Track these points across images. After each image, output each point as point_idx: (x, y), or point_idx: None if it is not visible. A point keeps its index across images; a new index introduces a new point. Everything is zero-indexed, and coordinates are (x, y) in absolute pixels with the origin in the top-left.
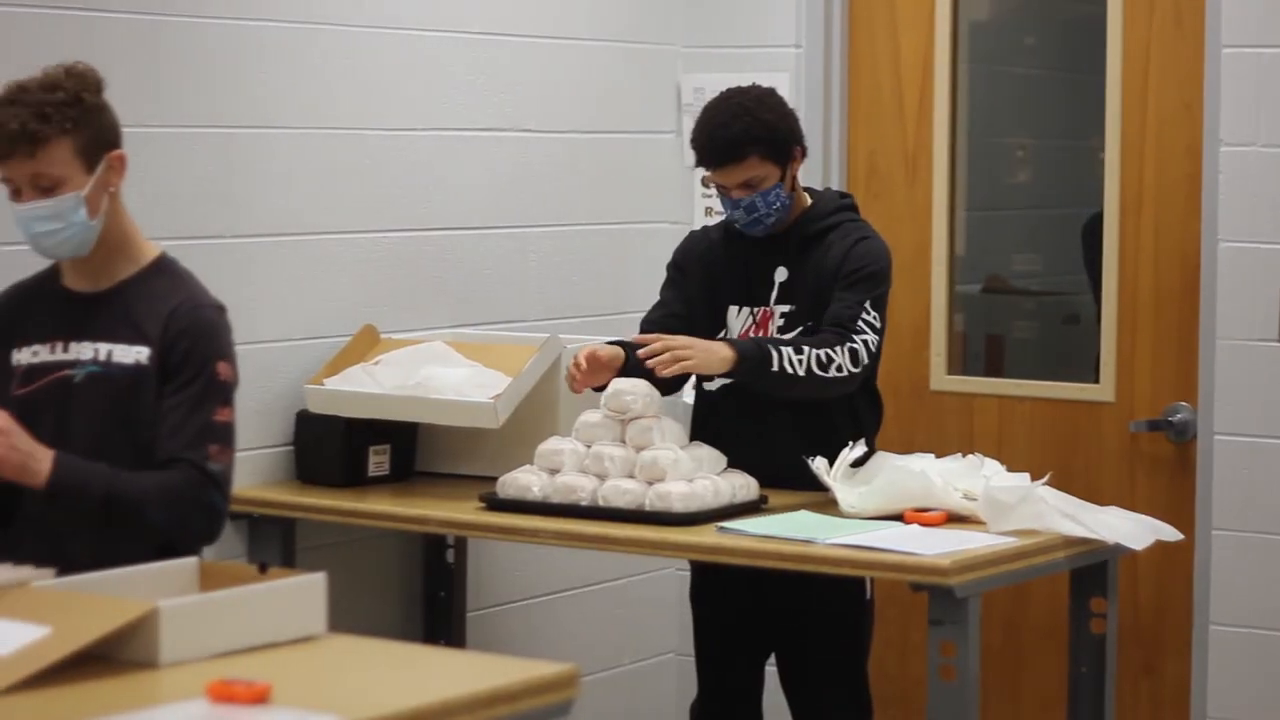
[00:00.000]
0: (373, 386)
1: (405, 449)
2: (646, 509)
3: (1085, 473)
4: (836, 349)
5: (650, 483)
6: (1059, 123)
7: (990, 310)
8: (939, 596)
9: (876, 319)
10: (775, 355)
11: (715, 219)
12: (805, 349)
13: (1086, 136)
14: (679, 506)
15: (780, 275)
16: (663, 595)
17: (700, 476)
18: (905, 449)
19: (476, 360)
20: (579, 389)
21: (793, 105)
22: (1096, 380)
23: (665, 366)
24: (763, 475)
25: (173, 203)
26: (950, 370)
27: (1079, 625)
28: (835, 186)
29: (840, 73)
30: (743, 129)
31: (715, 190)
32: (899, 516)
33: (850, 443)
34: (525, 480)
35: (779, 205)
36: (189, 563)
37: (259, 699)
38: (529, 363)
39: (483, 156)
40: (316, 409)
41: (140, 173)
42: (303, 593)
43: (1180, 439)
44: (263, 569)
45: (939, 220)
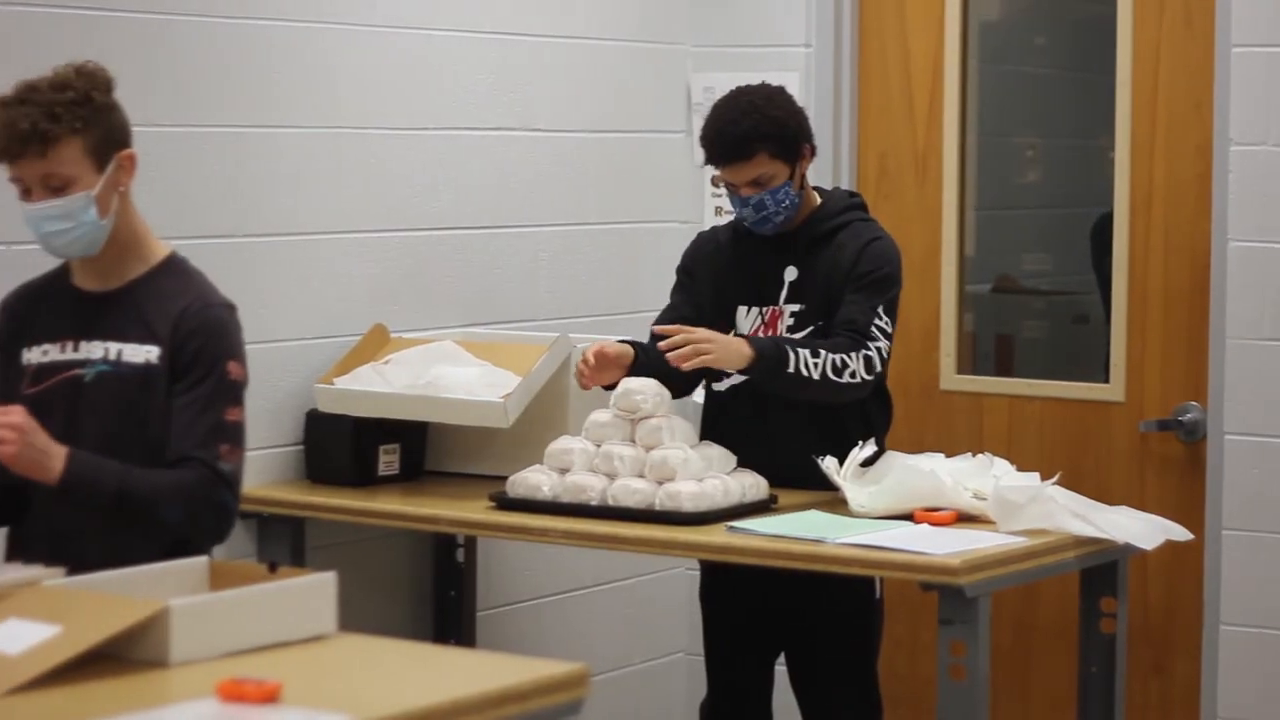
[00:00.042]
0: (383, 386)
1: (415, 448)
2: (656, 508)
3: (1095, 472)
4: (851, 355)
5: (660, 482)
6: (1069, 122)
7: (1000, 310)
8: (949, 596)
9: (888, 324)
10: (792, 356)
11: (725, 218)
12: (822, 353)
13: (1096, 136)
14: (689, 506)
15: (790, 274)
16: (672, 595)
17: (710, 476)
18: (915, 448)
19: (486, 360)
20: (588, 386)
21: (802, 105)
22: (1106, 380)
23: (685, 360)
24: (772, 475)
25: (183, 202)
26: (960, 370)
27: (1089, 625)
28: (845, 186)
29: (850, 73)
30: (752, 126)
31: (725, 189)
32: (909, 516)
33: (860, 442)
34: (535, 480)
35: (788, 203)
36: (199, 562)
37: (269, 698)
38: (539, 362)
39: (493, 156)
40: (326, 408)
41: (151, 172)
42: (313, 592)
43: (1190, 439)
44: (273, 568)
45: (949, 220)
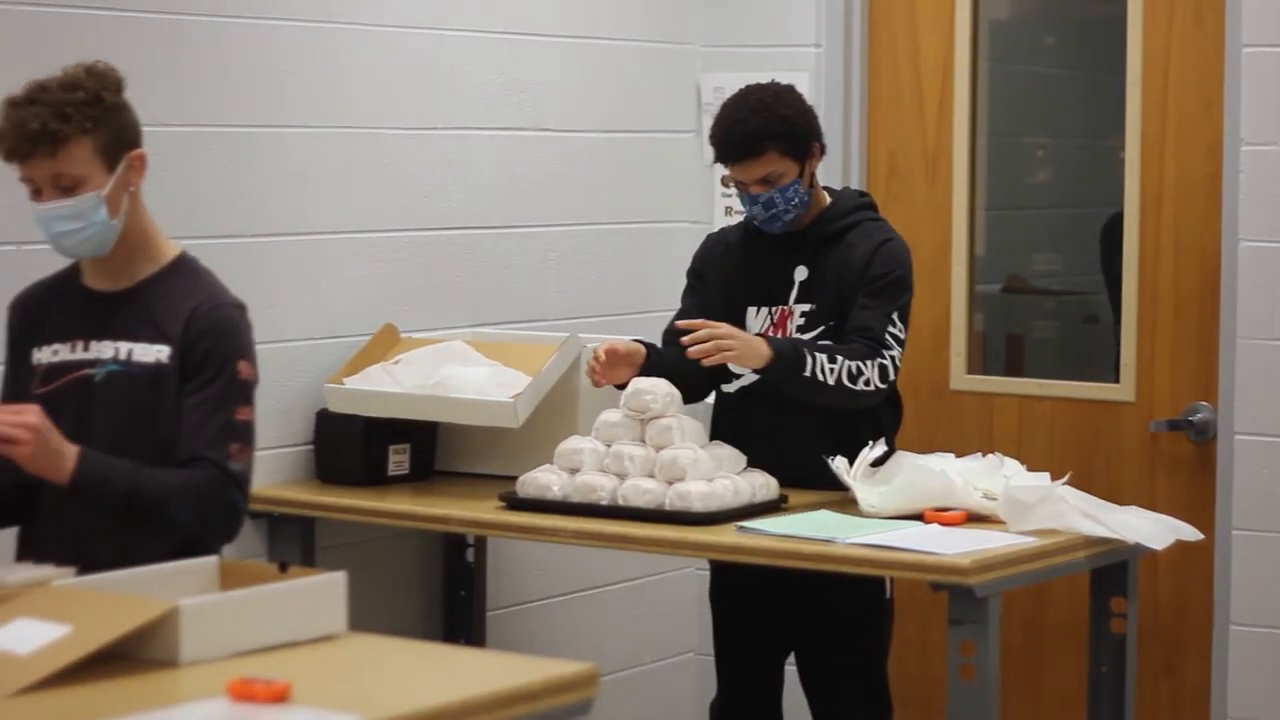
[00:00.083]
0: (393, 386)
1: (425, 448)
2: (666, 508)
3: (1105, 472)
4: (867, 362)
5: (670, 482)
6: (1079, 122)
7: (1010, 310)
8: (959, 596)
9: (902, 330)
10: (809, 360)
11: (735, 218)
12: (839, 359)
13: (1106, 136)
14: (699, 506)
15: (800, 274)
16: (682, 595)
17: (720, 476)
18: (925, 448)
19: (496, 359)
20: (600, 383)
21: (812, 105)
22: (1117, 380)
23: (706, 355)
24: (782, 475)
25: (193, 202)
26: (970, 370)
27: (1099, 625)
28: (855, 186)
29: (860, 72)
30: (761, 124)
31: (734, 188)
32: (919, 516)
33: (870, 442)
34: (545, 479)
35: (797, 201)
36: (209, 562)
37: (279, 698)
38: (549, 362)
39: (502, 156)
40: (336, 408)
41: (161, 172)
42: (323, 592)
43: (1200, 439)
44: (283, 568)
45: (959, 220)
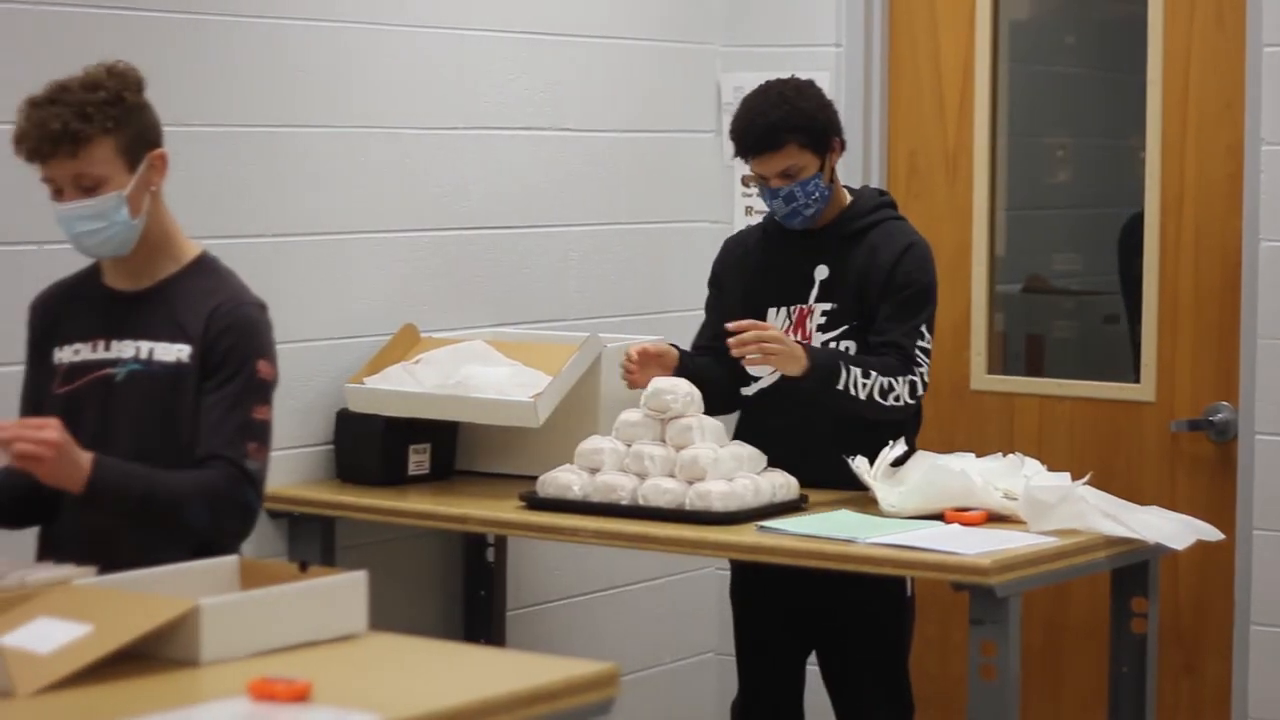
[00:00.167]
0: (413, 385)
1: (445, 448)
2: (686, 508)
3: (1126, 472)
4: (899, 379)
5: (690, 482)
6: (1099, 122)
7: (1030, 310)
8: (980, 596)
9: (930, 342)
10: (844, 374)
11: (755, 218)
12: (873, 374)
13: (1127, 136)
14: (719, 505)
15: (821, 273)
16: (703, 594)
17: (740, 475)
18: (945, 448)
19: (517, 359)
20: (636, 384)
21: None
22: (1137, 380)
23: (750, 359)
24: (802, 474)
25: (214, 202)
26: (990, 370)
27: (1120, 625)
28: (875, 185)
29: (880, 72)
30: (781, 117)
31: (755, 184)
32: (939, 516)
33: (890, 442)
34: (565, 479)
35: (818, 196)
36: (230, 561)
37: (299, 697)
38: (569, 362)
39: (523, 156)
40: (357, 408)
41: (181, 172)
42: (343, 591)
43: (1221, 439)
44: (303, 567)
45: (979, 220)
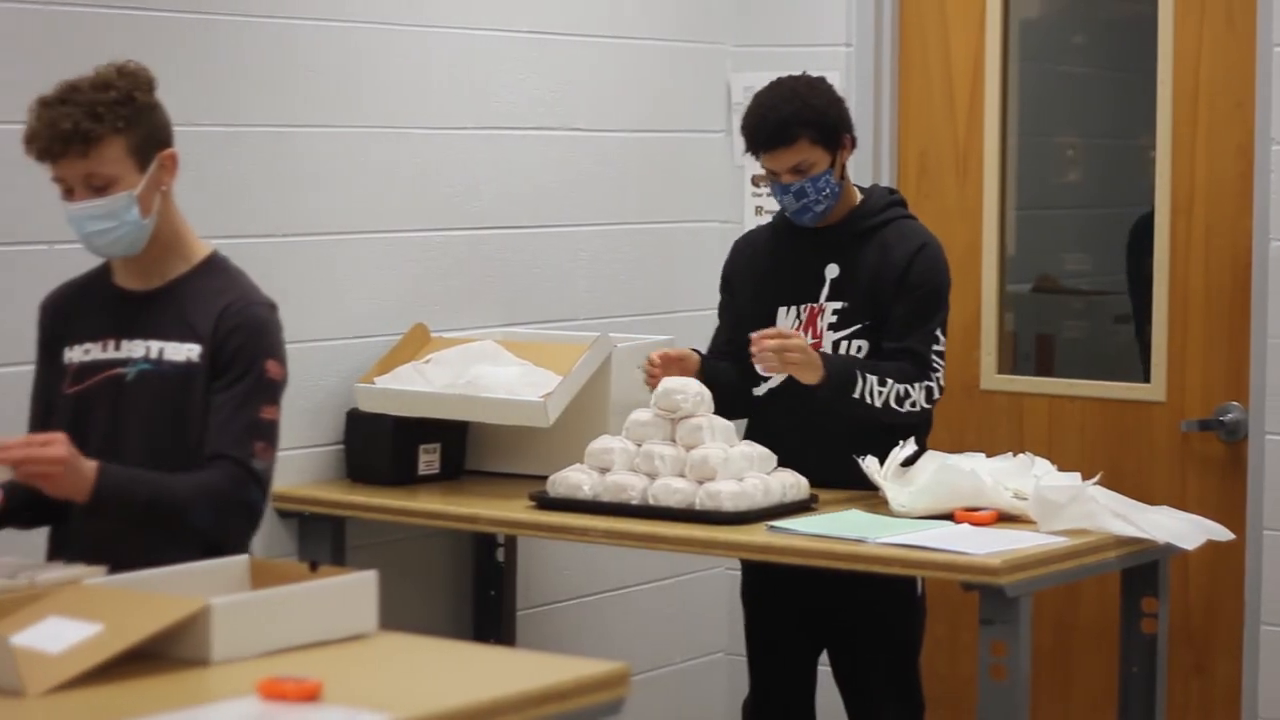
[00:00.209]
0: (423, 385)
1: (455, 448)
2: (697, 508)
3: (1136, 472)
4: (915, 386)
5: (700, 481)
6: (1109, 122)
7: (1041, 310)
8: (990, 596)
9: (943, 345)
10: (859, 384)
11: (765, 218)
12: (889, 382)
13: (1137, 135)
14: (729, 505)
15: (831, 271)
16: (713, 594)
17: (750, 475)
18: (956, 448)
19: (527, 359)
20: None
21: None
22: (1147, 380)
23: (769, 366)
24: (812, 474)
25: (224, 201)
26: (1001, 370)
27: (1130, 625)
28: (885, 185)
29: (891, 72)
30: (793, 112)
31: (766, 180)
32: (949, 516)
33: (900, 442)
34: (575, 479)
35: (829, 192)
36: (240, 560)
37: (310, 696)
38: (579, 361)
39: (533, 156)
40: (367, 408)
41: (191, 171)
42: (353, 591)
43: (1231, 438)
44: (314, 567)
45: (989, 219)
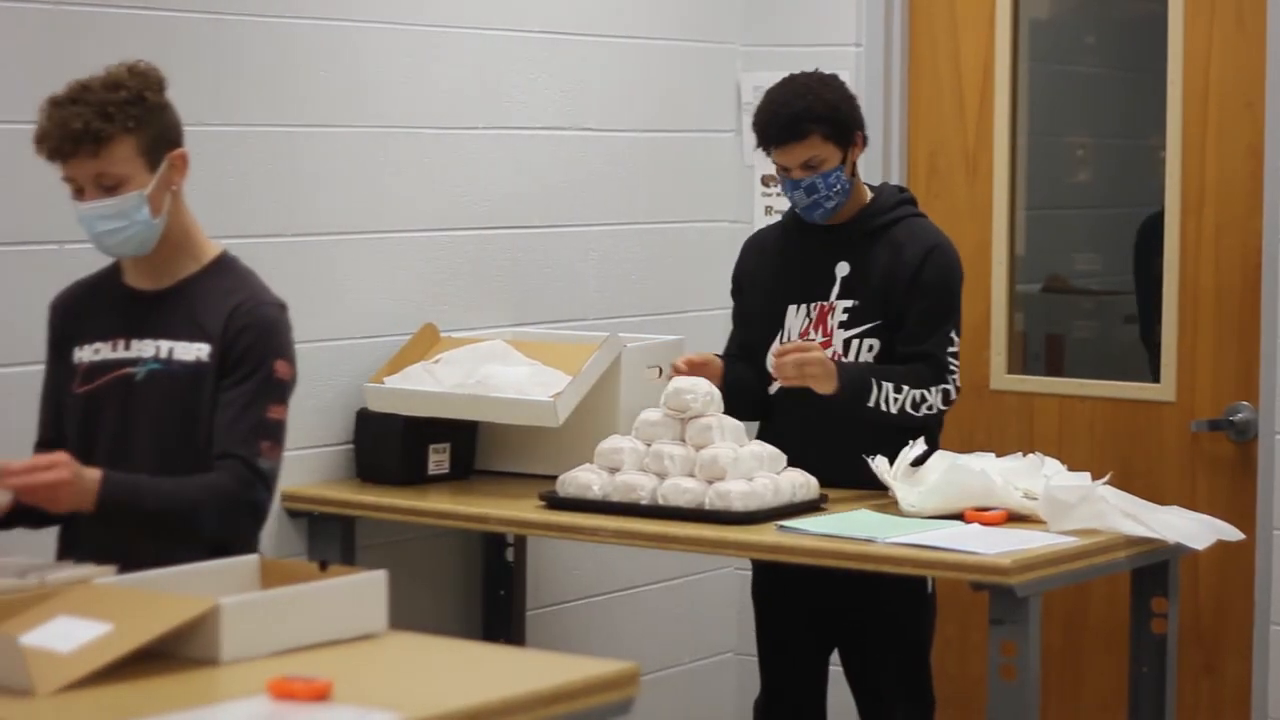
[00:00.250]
0: (433, 385)
1: (465, 447)
2: (706, 508)
3: (1146, 472)
4: (931, 389)
5: (710, 481)
6: (1119, 122)
7: (1050, 310)
8: (999, 596)
9: (958, 346)
10: (874, 393)
11: (775, 218)
12: (904, 389)
13: (1147, 135)
14: (739, 505)
15: (842, 270)
16: (722, 594)
17: (760, 475)
18: (965, 448)
19: (536, 359)
20: None
21: None
22: (1157, 380)
23: (786, 377)
24: (822, 474)
25: (233, 201)
26: (1010, 370)
27: (1140, 625)
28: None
29: (900, 71)
30: (805, 107)
31: (776, 180)
32: (959, 515)
33: (910, 442)
34: (585, 479)
35: (839, 188)
36: (250, 560)
37: (320, 696)
38: (589, 361)
39: (543, 156)
40: (377, 407)
41: (202, 171)
42: (363, 590)
43: (1241, 438)
44: (323, 567)
45: (999, 219)
